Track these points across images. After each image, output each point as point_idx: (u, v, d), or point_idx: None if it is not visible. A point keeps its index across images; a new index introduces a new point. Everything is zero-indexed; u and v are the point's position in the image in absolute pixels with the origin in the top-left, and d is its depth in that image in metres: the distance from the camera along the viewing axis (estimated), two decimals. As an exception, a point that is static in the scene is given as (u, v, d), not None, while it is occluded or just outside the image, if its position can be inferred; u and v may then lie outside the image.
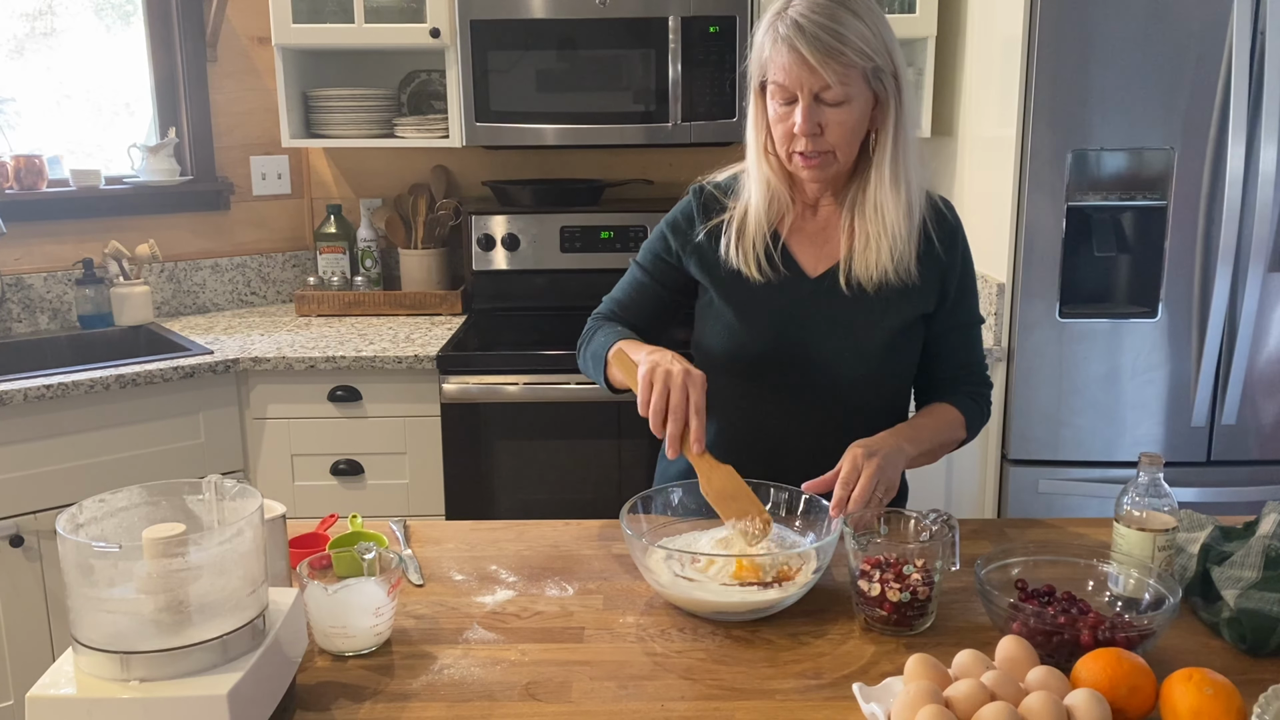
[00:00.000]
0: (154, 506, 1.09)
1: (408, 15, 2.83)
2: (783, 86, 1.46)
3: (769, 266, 1.58)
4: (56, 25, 2.98)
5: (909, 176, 1.53)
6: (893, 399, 1.67)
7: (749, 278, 1.59)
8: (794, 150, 1.50)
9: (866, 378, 1.61)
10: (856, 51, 1.44)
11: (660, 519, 1.46)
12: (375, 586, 1.23)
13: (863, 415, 1.61)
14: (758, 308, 1.60)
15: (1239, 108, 2.25)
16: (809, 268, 1.60)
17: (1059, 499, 2.48)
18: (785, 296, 1.59)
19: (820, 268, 1.60)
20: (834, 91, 1.44)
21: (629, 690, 1.16)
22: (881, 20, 1.48)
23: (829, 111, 1.46)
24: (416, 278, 3.10)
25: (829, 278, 1.59)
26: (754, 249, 1.58)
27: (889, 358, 1.61)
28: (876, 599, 1.26)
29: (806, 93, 1.45)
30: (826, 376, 1.60)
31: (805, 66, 1.43)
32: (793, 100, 1.47)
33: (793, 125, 1.47)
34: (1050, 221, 2.39)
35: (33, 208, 2.83)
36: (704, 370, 1.64)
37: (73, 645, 1.02)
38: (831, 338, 1.59)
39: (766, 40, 1.48)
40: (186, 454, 2.53)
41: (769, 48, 1.47)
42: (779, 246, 1.60)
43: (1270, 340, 2.41)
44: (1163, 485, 1.33)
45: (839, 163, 1.52)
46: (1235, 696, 1.02)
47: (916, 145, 1.55)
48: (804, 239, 1.62)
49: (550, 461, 2.63)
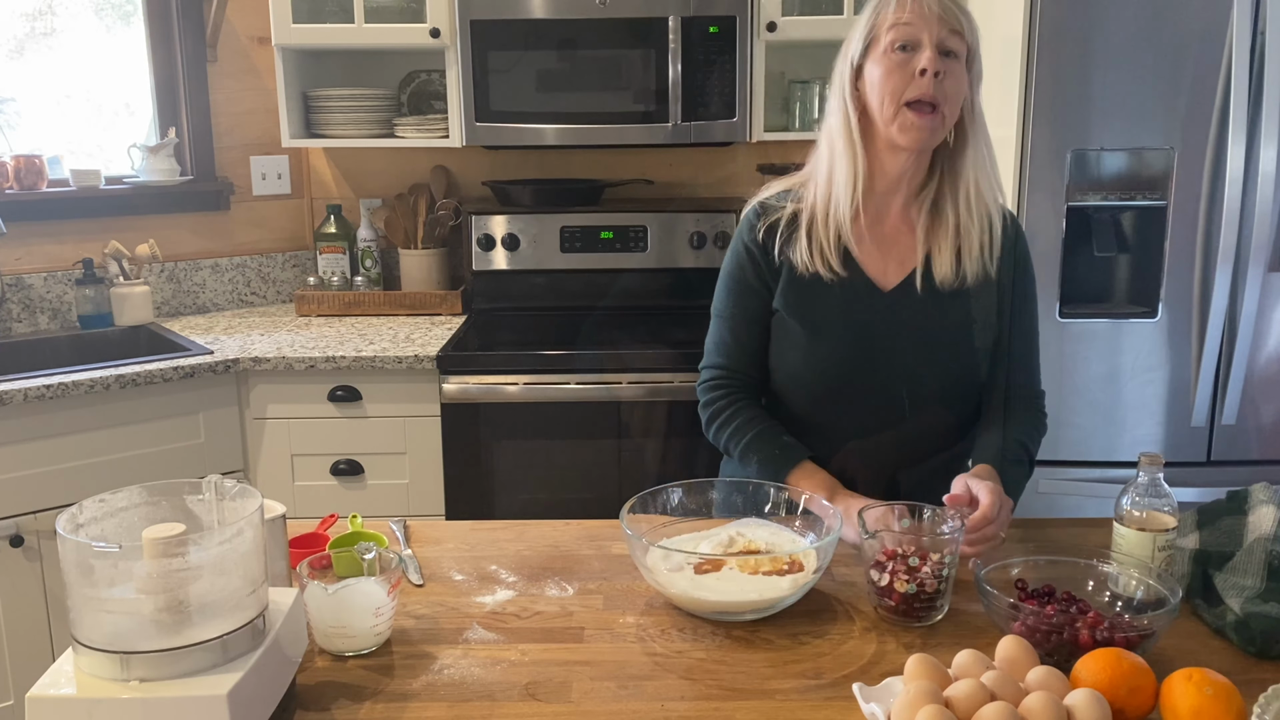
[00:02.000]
0: (154, 506, 1.09)
1: (408, 15, 2.83)
2: (908, 25, 1.47)
3: (842, 267, 1.56)
4: (56, 25, 2.98)
5: (993, 167, 1.56)
6: (969, 409, 1.64)
7: (823, 283, 1.56)
8: (909, 99, 1.47)
9: (946, 392, 1.59)
10: (969, 19, 1.49)
11: (660, 519, 1.46)
12: (375, 586, 1.23)
13: (941, 431, 1.61)
14: (832, 323, 1.58)
15: (1239, 108, 2.25)
16: (880, 279, 1.58)
17: (1059, 499, 2.48)
18: (860, 309, 1.57)
19: (893, 279, 1.58)
20: (958, 40, 1.47)
21: (629, 690, 1.16)
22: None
23: (948, 62, 1.47)
24: (416, 278, 3.10)
25: (904, 287, 1.58)
26: (830, 244, 1.56)
27: (969, 361, 1.59)
28: (885, 589, 1.27)
29: (933, 34, 1.46)
30: (906, 388, 1.58)
31: (936, 8, 1.47)
32: (914, 48, 1.47)
33: (913, 71, 1.46)
34: (1050, 221, 2.39)
35: (33, 208, 2.83)
36: (779, 393, 1.64)
37: (73, 645, 1.02)
38: (908, 347, 1.57)
39: (881, 4, 1.50)
40: (186, 454, 2.53)
41: (888, 5, 1.49)
42: (850, 253, 1.58)
43: (1270, 340, 2.41)
44: (1163, 485, 1.33)
45: (944, 128, 1.51)
46: (1235, 696, 1.02)
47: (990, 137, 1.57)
48: (872, 249, 1.59)
49: (550, 461, 2.63)
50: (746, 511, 1.48)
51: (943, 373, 1.58)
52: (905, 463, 1.61)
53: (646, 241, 2.98)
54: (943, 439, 1.62)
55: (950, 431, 1.63)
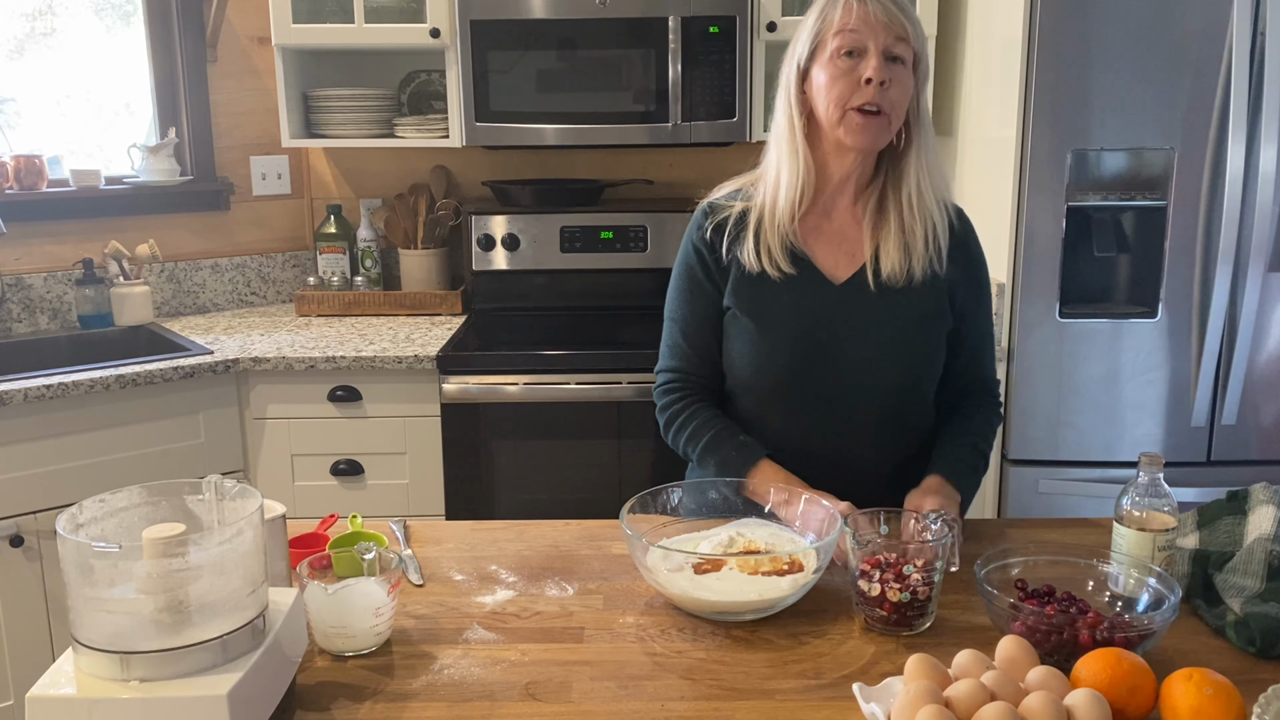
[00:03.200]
0: (154, 506, 1.09)
1: (408, 15, 2.83)
2: (855, 33, 1.48)
3: (790, 265, 1.56)
4: (56, 25, 2.98)
5: (937, 166, 1.57)
6: (923, 405, 1.65)
7: (772, 280, 1.57)
8: (855, 105, 1.49)
9: (899, 382, 1.59)
10: (915, 24, 1.51)
11: (660, 519, 1.46)
12: (375, 586, 1.23)
13: (897, 423, 1.61)
14: (783, 316, 1.58)
15: (1239, 108, 2.25)
16: (831, 273, 1.59)
17: (1059, 499, 2.48)
18: (811, 301, 1.57)
19: (843, 273, 1.59)
20: (904, 47, 1.49)
21: (629, 690, 1.16)
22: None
23: (894, 68, 1.49)
24: (416, 278, 3.10)
25: (855, 281, 1.58)
26: (776, 244, 1.57)
27: (921, 356, 1.59)
28: (876, 599, 1.26)
29: (879, 42, 1.48)
30: (859, 384, 1.57)
31: (882, 16, 1.48)
32: (860, 55, 1.49)
33: (858, 78, 1.48)
34: (1050, 221, 2.39)
35: (33, 208, 2.83)
36: (734, 392, 1.64)
37: (73, 645, 1.02)
38: (860, 338, 1.57)
39: (828, 7, 1.51)
40: (186, 454, 2.53)
41: (834, 10, 1.50)
42: (797, 252, 1.59)
43: (1270, 340, 2.41)
44: (1163, 485, 1.33)
45: (889, 132, 1.52)
46: (1235, 696, 1.02)
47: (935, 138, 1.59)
48: (822, 242, 1.60)
49: (550, 461, 2.63)
50: (746, 511, 1.48)
51: (896, 368, 1.58)
52: (865, 461, 1.60)
53: (646, 241, 2.98)
54: (901, 436, 1.62)
55: (908, 429, 1.63)
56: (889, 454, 1.61)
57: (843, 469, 1.57)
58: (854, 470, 1.58)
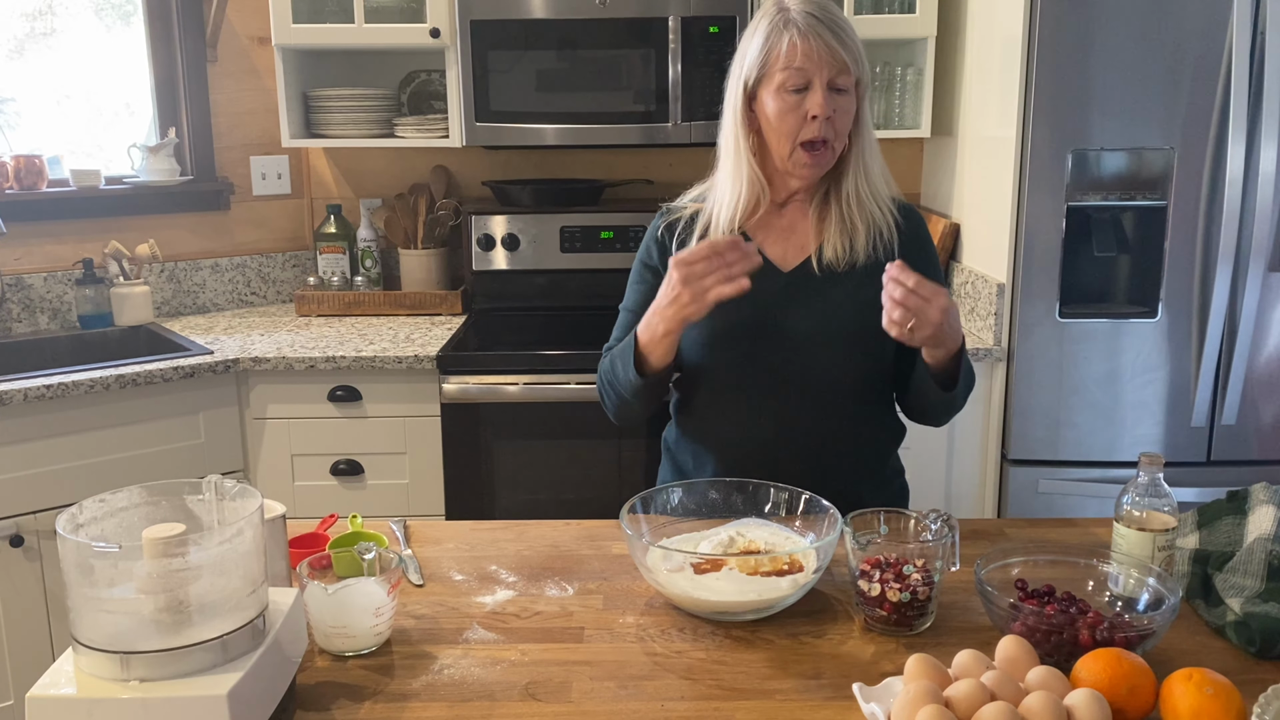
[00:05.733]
0: (154, 506, 1.09)
1: (408, 15, 2.83)
2: (801, 70, 1.51)
3: None
4: (56, 25, 2.98)
5: (878, 166, 1.62)
6: (876, 396, 1.68)
7: None
8: (804, 139, 1.54)
9: (846, 364, 1.61)
10: (856, 53, 1.54)
11: (660, 519, 1.46)
12: (375, 586, 1.23)
13: (848, 411, 1.63)
14: (733, 301, 1.55)
15: (1239, 108, 2.25)
16: (780, 262, 1.64)
17: (1059, 499, 2.48)
18: (758, 287, 1.55)
19: (792, 261, 1.64)
20: (846, 77, 1.53)
21: (629, 690, 1.16)
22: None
23: (837, 99, 1.53)
24: (416, 278, 3.10)
25: (802, 268, 1.63)
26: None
27: (865, 337, 1.58)
28: (876, 599, 1.26)
29: (824, 77, 1.51)
30: (807, 366, 1.60)
31: (826, 50, 1.51)
32: (804, 89, 1.52)
33: (805, 113, 1.52)
34: (1050, 221, 2.39)
35: (33, 208, 2.83)
36: (689, 384, 1.69)
37: (73, 645, 1.02)
38: (806, 320, 1.61)
39: (774, 36, 1.53)
40: (186, 454, 2.53)
41: (781, 41, 1.52)
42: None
43: (1270, 340, 2.41)
44: (1163, 485, 1.33)
45: (834, 156, 1.58)
46: (1235, 696, 1.02)
47: (876, 143, 1.65)
48: (772, 235, 1.66)
49: (550, 461, 2.63)
50: (746, 511, 1.48)
51: (843, 347, 1.60)
52: (819, 445, 1.63)
53: (646, 241, 2.98)
54: (855, 425, 1.65)
55: (860, 419, 1.65)
56: (844, 441, 1.64)
57: (795, 453, 1.60)
58: (808, 455, 1.61)
